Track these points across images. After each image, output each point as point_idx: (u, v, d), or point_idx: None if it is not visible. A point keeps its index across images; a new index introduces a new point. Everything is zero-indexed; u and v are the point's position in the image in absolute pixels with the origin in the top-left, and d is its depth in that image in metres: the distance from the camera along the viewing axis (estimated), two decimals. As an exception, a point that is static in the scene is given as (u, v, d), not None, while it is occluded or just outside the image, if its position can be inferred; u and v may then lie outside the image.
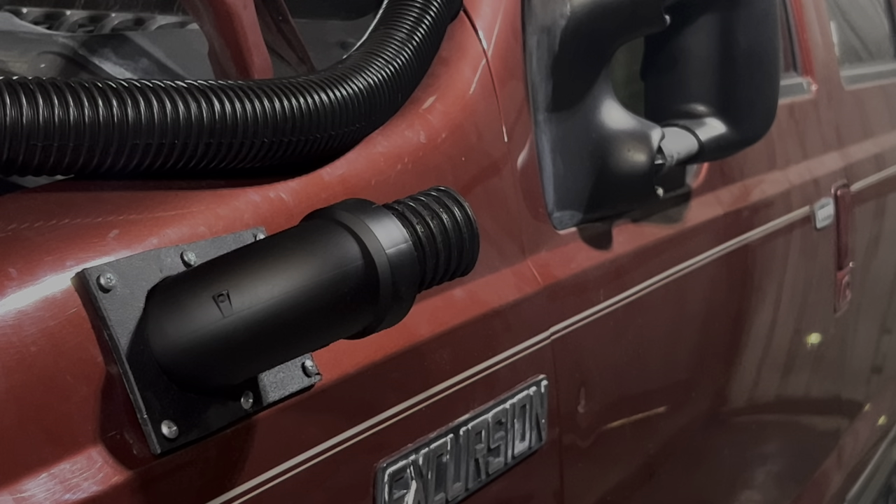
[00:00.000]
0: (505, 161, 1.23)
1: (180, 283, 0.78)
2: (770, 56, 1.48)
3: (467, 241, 0.87)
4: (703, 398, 1.79)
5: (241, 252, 0.79)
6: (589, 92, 1.35)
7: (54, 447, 0.70)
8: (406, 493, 1.00)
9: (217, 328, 0.75)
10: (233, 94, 0.87)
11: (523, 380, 1.19)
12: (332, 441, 0.91)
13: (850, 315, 2.51)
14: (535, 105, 1.31)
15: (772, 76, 1.49)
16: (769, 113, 1.51)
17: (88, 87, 0.78)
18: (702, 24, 1.44)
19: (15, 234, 0.76)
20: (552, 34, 1.32)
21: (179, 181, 0.87)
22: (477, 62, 1.22)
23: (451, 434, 1.06)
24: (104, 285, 0.75)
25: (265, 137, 0.89)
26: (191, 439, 0.77)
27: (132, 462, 0.74)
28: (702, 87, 1.46)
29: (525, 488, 1.21)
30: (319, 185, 0.98)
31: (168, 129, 0.82)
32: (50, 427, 0.70)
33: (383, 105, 1.04)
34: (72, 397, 0.72)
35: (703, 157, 1.49)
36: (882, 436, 2.93)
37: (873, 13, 3.31)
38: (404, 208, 0.85)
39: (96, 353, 0.74)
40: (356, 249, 0.79)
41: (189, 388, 0.78)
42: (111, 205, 0.82)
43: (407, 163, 1.07)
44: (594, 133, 1.35)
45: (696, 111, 1.47)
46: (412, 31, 1.10)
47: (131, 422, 0.74)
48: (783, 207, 2.06)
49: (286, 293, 0.76)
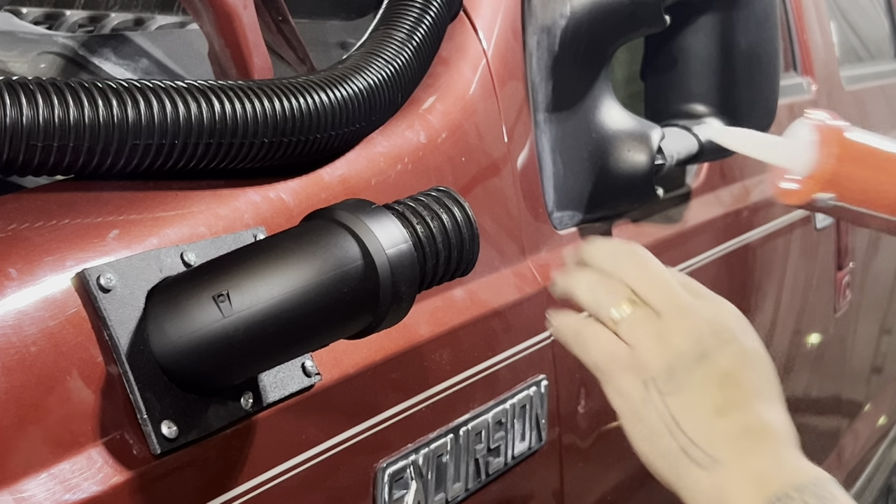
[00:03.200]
0: (505, 161, 1.23)
1: (180, 283, 0.78)
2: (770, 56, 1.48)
3: (467, 242, 0.87)
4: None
5: (241, 252, 0.79)
6: (589, 92, 1.35)
7: (54, 447, 0.70)
8: (406, 493, 1.00)
9: (217, 328, 0.75)
10: (233, 94, 0.87)
11: (523, 380, 1.19)
12: (332, 441, 0.91)
13: (850, 315, 2.51)
14: (535, 105, 1.31)
15: (772, 76, 1.49)
16: (769, 113, 1.51)
17: (88, 87, 0.78)
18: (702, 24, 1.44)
19: (15, 234, 0.76)
20: (552, 34, 1.32)
21: (179, 181, 0.87)
22: (477, 62, 1.22)
23: (451, 434, 1.06)
24: (104, 285, 0.75)
25: (265, 137, 0.89)
26: (191, 439, 0.77)
27: (132, 462, 0.74)
28: (702, 87, 1.46)
29: (525, 488, 1.21)
30: (319, 185, 0.98)
31: (168, 129, 0.82)
32: (50, 427, 0.70)
33: (383, 105, 1.04)
34: (72, 397, 0.72)
35: (703, 157, 1.49)
36: (882, 436, 2.93)
37: (873, 13, 3.31)
38: (404, 208, 0.85)
39: (96, 353, 0.74)
40: (356, 250, 0.78)
41: (189, 388, 0.78)
42: (111, 205, 0.82)
43: (407, 163, 1.07)
44: (594, 133, 1.35)
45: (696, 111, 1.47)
46: (412, 31, 1.10)
47: (131, 422, 0.74)
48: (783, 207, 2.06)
49: (286, 293, 0.76)
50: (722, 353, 0.78)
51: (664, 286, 0.80)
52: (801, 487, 0.74)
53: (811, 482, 0.75)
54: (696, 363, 0.78)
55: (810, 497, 0.74)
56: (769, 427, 0.78)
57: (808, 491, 0.74)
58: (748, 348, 0.79)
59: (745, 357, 0.79)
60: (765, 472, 0.76)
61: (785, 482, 0.75)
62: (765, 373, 0.79)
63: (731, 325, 0.80)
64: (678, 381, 0.77)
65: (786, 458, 0.77)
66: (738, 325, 0.81)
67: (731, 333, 0.80)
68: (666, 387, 0.78)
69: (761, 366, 0.80)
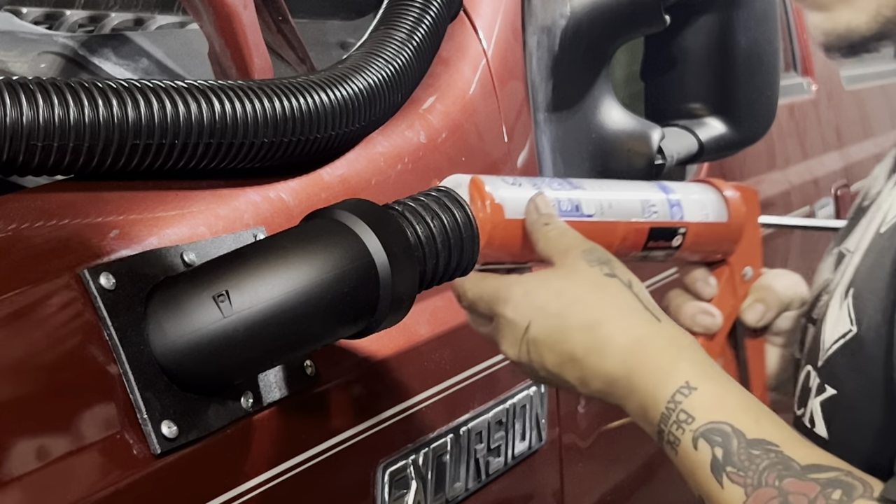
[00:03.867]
0: (505, 161, 1.23)
1: (180, 283, 0.78)
2: (770, 56, 1.48)
3: (467, 242, 0.87)
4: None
5: (241, 252, 0.79)
6: (589, 92, 1.35)
7: (54, 447, 0.70)
8: (406, 493, 1.00)
9: (217, 328, 0.75)
10: (233, 94, 0.87)
11: (523, 380, 1.19)
12: (332, 441, 0.91)
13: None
14: (535, 105, 1.31)
15: (772, 76, 1.49)
16: (769, 113, 1.51)
17: (88, 87, 0.78)
18: (702, 24, 1.44)
19: (15, 234, 0.76)
20: (552, 34, 1.32)
21: (179, 181, 0.87)
22: (477, 62, 1.22)
23: (451, 434, 1.06)
24: (104, 285, 0.75)
25: (265, 137, 0.89)
26: (191, 439, 0.77)
27: (132, 462, 0.74)
28: (702, 87, 1.46)
29: (525, 488, 1.21)
30: (319, 185, 0.98)
31: (168, 129, 0.82)
32: (50, 427, 0.70)
33: (383, 105, 1.04)
34: (71, 397, 0.72)
35: (703, 157, 1.49)
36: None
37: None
38: (404, 208, 0.85)
39: (96, 353, 0.74)
40: (356, 250, 0.79)
41: (189, 388, 0.78)
42: (111, 205, 0.82)
43: (407, 163, 1.07)
44: (594, 133, 1.35)
45: (696, 111, 1.46)
46: (412, 31, 1.10)
47: (131, 422, 0.74)
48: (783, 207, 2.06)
49: (286, 293, 0.76)
50: (529, 332, 0.90)
51: (489, 307, 0.92)
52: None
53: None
54: (525, 348, 0.91)
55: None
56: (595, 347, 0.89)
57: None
58: (509, 317, 0.90)
59: (524, 322, 0.90)
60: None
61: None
62: (551, 321, 0.89)
63: (507, 312, 0.91)
64: (533, 359, 0.92)
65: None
66: (511, 307, 0.91)
67: (503, 319, 0.91)
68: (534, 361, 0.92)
69: (543, 319, 0.89)
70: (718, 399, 0.85)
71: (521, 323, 0.89)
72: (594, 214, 0.97)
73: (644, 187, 1.05)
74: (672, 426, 0.85)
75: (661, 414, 0.86)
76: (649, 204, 1.02)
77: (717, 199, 1.09)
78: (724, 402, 0.85)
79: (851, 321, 0.89)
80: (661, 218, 1.03)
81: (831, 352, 0.92)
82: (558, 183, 0.98)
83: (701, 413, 0.84)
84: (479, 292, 0.91)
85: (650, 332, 0.89)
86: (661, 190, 1.05)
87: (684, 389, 0.85)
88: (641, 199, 1.02)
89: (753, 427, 0.83)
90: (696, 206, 1.07)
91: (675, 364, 0.87)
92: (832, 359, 0.91)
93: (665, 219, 1.04)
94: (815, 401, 0.94)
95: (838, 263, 1.01)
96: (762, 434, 0.82)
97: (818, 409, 0.93)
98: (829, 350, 0.92)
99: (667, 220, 1.04)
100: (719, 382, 0.87)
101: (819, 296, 1.02)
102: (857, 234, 0.99)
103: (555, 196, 0.95)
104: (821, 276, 1.05)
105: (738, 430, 0.83)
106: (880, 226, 0.92)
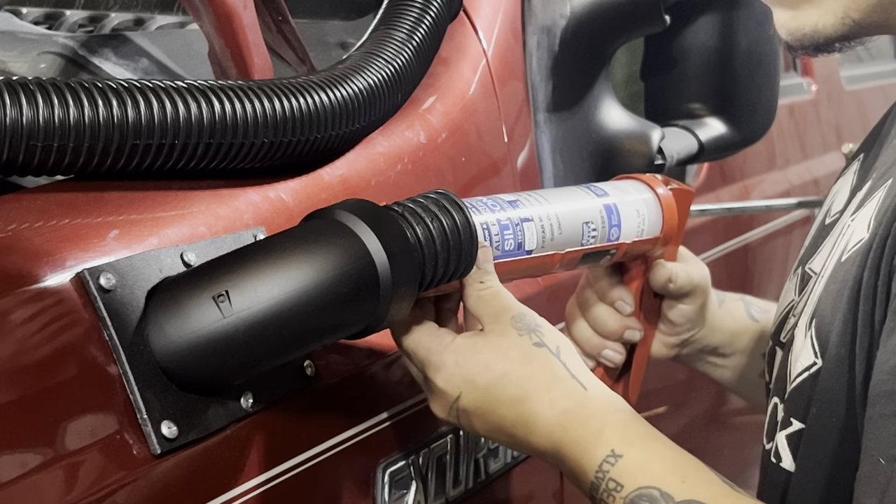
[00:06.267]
0: (505, 161, 1.23)
1: (180, 283, 0.78)
2: (770, 56, 1.48)
3: (466, 244, 0.87)
4: (703, 398, 1.79)
5: (241, 252, 0.79)
6: (589, 92, 1.35)
7: (54, 447, 0.70)
8: (406, 493, 1.00)
9: (217, 328, 0.75)
10: (233, 94, 0.87)
11: (523, 380, 1.19)
12: (332, 441, 0.91)
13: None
14: (535, 105, 1.31)
15: (772, 76, 1.49)
16: (769, 113, 1.51)
17: (88, 87, 0.78)
18: (702, 24, 1.44)
19: (15, 234, 0.76)
20: (552, 34, 1.32)
21: (179, 181, 0.87)
22: (477, 62, 1.22)
23: (451, 434, 1.06)
24: (104, 285, 0.75)
25: (265, 137, 0.89)
26: (191, 439, 0.77)
27: (132, 462, 0.74)
28: (702, 87, 1.46)
29: (525, 488, 1.21)
30: (319, 185, 0.98)
31: (168, 129, 0.82)
32: (50, 427, 0.70)
33: (383, 105, 1.04)
34: (71, 397, 0.72)
35: (703, 157, 1.49)
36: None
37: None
38: (404, 209, 0.85)
39: (96, 353, 0.74)
40: (356, 250, 0.79)
41: (189, 388, 0.78)
42: (111, 205, 0.82)
43: (407, 163, 1.07)
44: (594, 133, 1.35)
45: (696, 111, 1.46)
46: (412, 31, 1.10)
47: (131, 422, 0.74)
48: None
49: (286, 293, 0.76)
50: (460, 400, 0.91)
51: (422, 366, 0.93)
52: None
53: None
54: (455, 414, 0.93)
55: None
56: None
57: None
58: (441, 386, 0.91)
59: (455, 393, 0.91)
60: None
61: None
62: (480, 395, 0.90)
63: (438, 381, 0.91)
64: (463, 424, 0.93)
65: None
66: (442, 377, 0.91)
67: (435, 385, 0.91)
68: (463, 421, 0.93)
69: (473, 391, 0.90)
70: (644, 464, 0.86)
71: (452, 393, 0.91)
72: (534, 250, 0.98)
73: (585, 201, 1.04)
74: (603, 494, 0.86)
75: (591, 483, 0.87)
76: (590, 228, 1.03)
77: (653, 208, 1.09)
78: (649, 466, 0.86)
79: (815, 353, 0.90)
80: (598, 242, 1.04)
81: (796, 383, 0.92)
82: (500, 206, 0.97)
83: (629, 480, 0.85)
84: (415, 346, 0.91)
85: (575, 403, 0.89)
86: (604, 210, 1.04)
87: (610, 458, 0.86)
88: (584, 221, 1.02)
89: (679, 488, 0.84)
90: (633, 224, 1.07)
91: (601, 433, 0.88)
92: (798, 390, 0.92)
93: (601, 243, 1.04)
94: (780, 434, 0.94)
95: (804, 285, 1.00)
96: (690, 495, 0.84)
97: (784, 442, 0.94)
98: (794, 381, 0.92)
99: (603, 244, 1.05)
100: (646, 446, 0.88)
101: (787, 317, 1.02)
102: (822, 256, 0.98)
103: (499, 232, 0.95)
104: (786, 296, 1.06)
105: (666, 494, 0.84)
106: (843, 253, 0.91)
